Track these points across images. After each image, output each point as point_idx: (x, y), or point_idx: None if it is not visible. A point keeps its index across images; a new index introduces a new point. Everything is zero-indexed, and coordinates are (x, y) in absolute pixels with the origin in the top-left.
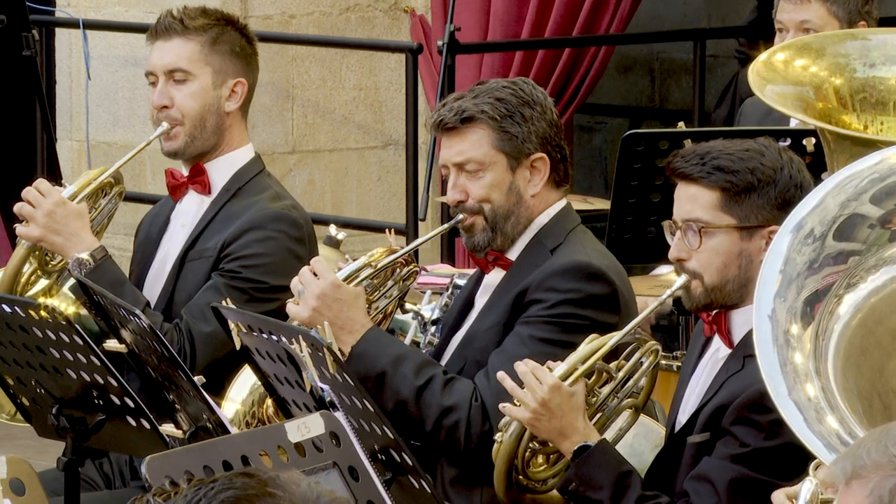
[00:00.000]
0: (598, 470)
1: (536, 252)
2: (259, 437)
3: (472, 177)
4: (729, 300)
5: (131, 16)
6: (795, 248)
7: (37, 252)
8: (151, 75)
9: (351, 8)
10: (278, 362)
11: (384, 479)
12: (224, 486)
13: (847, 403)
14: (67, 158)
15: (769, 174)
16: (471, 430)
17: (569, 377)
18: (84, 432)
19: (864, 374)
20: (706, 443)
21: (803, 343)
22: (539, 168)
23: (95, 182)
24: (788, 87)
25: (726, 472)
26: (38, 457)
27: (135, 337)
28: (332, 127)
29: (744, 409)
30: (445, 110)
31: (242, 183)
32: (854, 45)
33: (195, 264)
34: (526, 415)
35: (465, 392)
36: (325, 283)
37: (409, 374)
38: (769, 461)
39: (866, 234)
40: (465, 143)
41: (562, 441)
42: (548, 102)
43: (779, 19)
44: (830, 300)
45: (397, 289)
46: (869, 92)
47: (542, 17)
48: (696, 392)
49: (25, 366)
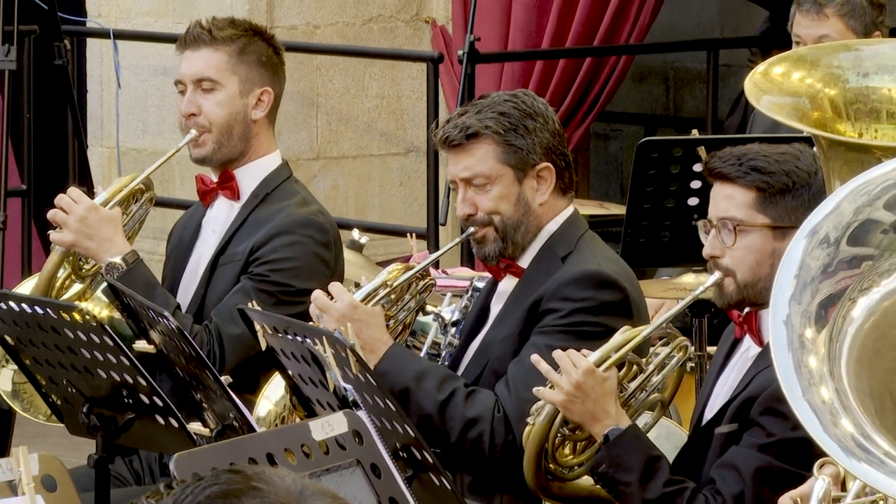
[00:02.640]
0: (629, 453)
1: (548, 260)
2: (284, 435)
3: (481, 190)
4: (760, 298)
5: (160, 26)
6: (810, 253)
7: (70, 257)
8: (180, 84)
9: (374, 19)
10: (303, 363)
11: (406, 476)
12: (210, 483)
13: (860, 403)
14: (98, 165)
15: (804, 177)
16: (495, 440)
17: (602, 364)
18: (114, 430)
19: (877, 375)
20: (733, 433)
21: (818, 346)
22: (545, 177)
23: (126, 189)
24: (785, 98)
25: (752, 461)
26: (69, 454)
27: (163, 338)
28: (356, 134)
29: (772, 400)
30: (450, 127)
31: (270, 189)
32: (847, 56)
33: (226, 268)
34: (560, 397)
35: (487, 404)
36: (342, 304)
37: (431, 389)
38: (795, 451)
39: (879, 239)
40: (471, 159)
41: (594, 424)
42: (549, 113)
43: (796, 33)
44: (844, 304)
45: (414, 301)
46: (863, 101)
47: (563, 27)
48: (725, 388)
49: (57, 366)
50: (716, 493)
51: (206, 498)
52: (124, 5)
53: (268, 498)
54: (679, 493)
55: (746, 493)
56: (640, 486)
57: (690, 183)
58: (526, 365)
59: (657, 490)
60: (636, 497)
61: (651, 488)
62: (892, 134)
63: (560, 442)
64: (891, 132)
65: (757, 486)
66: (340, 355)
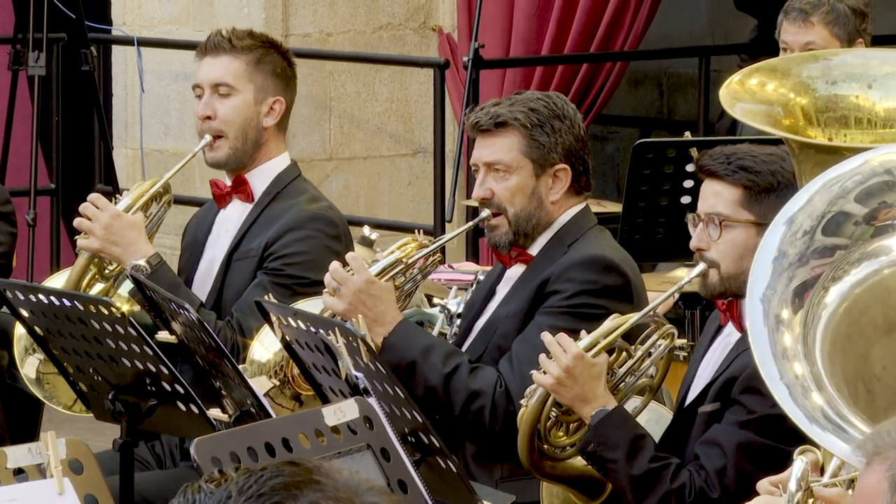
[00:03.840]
0: (615, 432)
1: (555, 248)
2: (298, 421)
3: (500, 178)
4: (741, 289)
5: (182, 34)
6: (786, 242)
7: (96, 259)
8: (198, 88)
9: (383, 27)
10: (316, 352)
11: (413, 459)
12: (273, 474)
13: (834, 386)
14: (123, 165)
15: (788, 178)
16: (496, 412)
17: (592, 349)
18: (138, 416)
19: (850, 360)
20: (716, 412)
21: (793, 326)
22: (561, 178)
23: (147, 194)
24: (759, 106)
25: (734, 437)
26: (95, 439)
27: (184, 329)
28: (366, 136)
29: (751, 380)
30: (482, 113)
31: (281, 187)
32: (816, 66)
33: (241, 264)
34: (550, 381)
35: (490, 378)
36: (360, 279)
37: (437, 363)
38: (774, 428)
39: (851, 230)
40: (496, 146)
41: (582, 406)
42: (577, 118)
43: (783, 40)
44: (818, 290)
45: (421, 275)
46: (832, 109)
47: (562, 34)
48: (707, 370)
49: (84, 355)
50: (700, 468)
51: (269, 489)
52: (148, 14)
53: (328, 492)
54: (664, 469)
55: (729, 467)
56: (626, 462)
57: (683, 182)
58: (529, 343)
59: (643, 466)
60: (623, 474)
61: (637, 465)
62: (860, 138)
63: (552, 424)
64: (859, 136)
65: (739, 461)
66: (352, 345)
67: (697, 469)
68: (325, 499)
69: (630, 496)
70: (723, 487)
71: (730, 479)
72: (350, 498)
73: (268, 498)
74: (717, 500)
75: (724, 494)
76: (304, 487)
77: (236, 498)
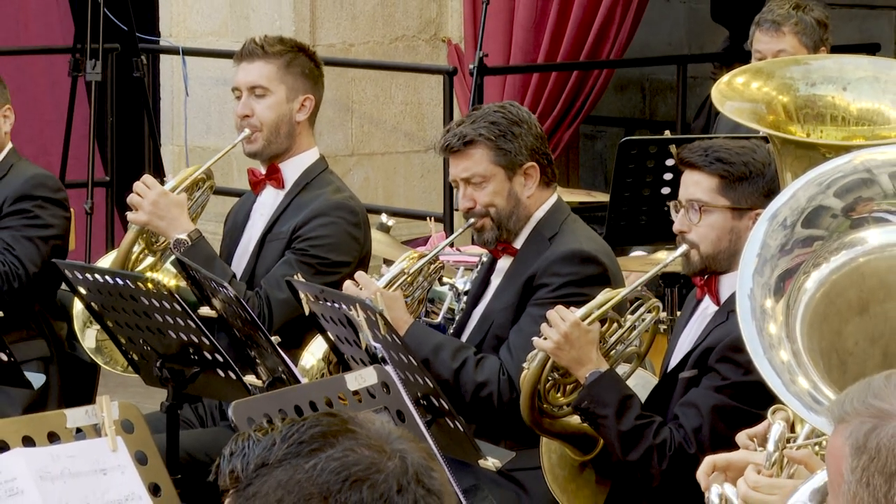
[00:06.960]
0: (606, 391)
1: (537, 241)
2: (324, 386)
3: (478, 188)
4: (720, 267)
5: (222, 44)
6: (770, 234)
7: (144, 234)
8: (237, 90)
9: (399, 38)
10: (340, 325)
11: (426, 420)
12: (313, 424)
13: (811, 360)
14: (169, 160)
15: (759, 167)
16: (502, 398)
17: (587, 318)
18: (182, 382)
19: (826, 336)
20: (694, 378)
21: (776, 315)
22: (531, 174)
23: (191, 177)
24: (745, 104)
25: (710, 400)
26: (144, 402)
27: (223, 304)
28: (384, 134)
29: (726, 350)
30: (450, 136)
31: (310, 179)
32: (798, 69)
33: (272, 245)
34: (550, 345)
35: (493, 368)
36: (369, 292)
37: (447, 359)
38: (746, 393)
39: (829, 223)
40: (468, 162)
41: (578, 368)
42: (532, 120)
43: (757, 48)
44: (799, 277)
45: (427, 282)
46: (810, 107)
47: (555, 45)
48: (687, 340)
49: (135, 328)
50: (679, 426)
51: (309, 437)
52: (191, 27)
53: (361, 439)
54: (648, 426)
55: (704, 427)
56: (615, 419)
57: (663, 175)
58: (525, 333)
59: (630, 423)
60: (612, 429)
61: (625, 421)
62: (834, 134)
63: (551, 385)
64: (833, 132)
65: (714, 422)
66: (371, 319)
67: (677, 427)
68: (358, 446)
69: (618, 449)
70: (698, 444)
71: (705, 438)
72: (381, 445)
73: (307, 445)
74: (693, 455)
75: (699, 450)
76: (340, 436)
77: (280, 445)
